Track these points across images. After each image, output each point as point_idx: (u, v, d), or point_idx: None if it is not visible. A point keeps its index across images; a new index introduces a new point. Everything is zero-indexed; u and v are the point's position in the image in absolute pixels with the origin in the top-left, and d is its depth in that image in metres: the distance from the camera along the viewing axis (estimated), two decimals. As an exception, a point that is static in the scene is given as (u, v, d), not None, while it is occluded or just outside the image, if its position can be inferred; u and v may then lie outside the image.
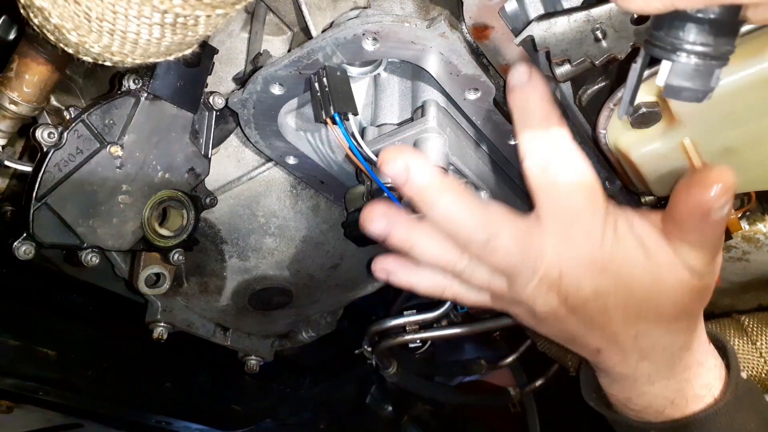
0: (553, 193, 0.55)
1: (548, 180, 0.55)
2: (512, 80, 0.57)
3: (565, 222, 0.55)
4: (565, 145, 0.55)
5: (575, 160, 0.55)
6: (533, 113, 0.56)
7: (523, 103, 0.56)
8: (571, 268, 0.56)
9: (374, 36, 0.58)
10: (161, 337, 0.87)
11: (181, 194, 0.73)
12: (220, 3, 0.39)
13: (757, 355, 1.00)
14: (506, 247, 0.56)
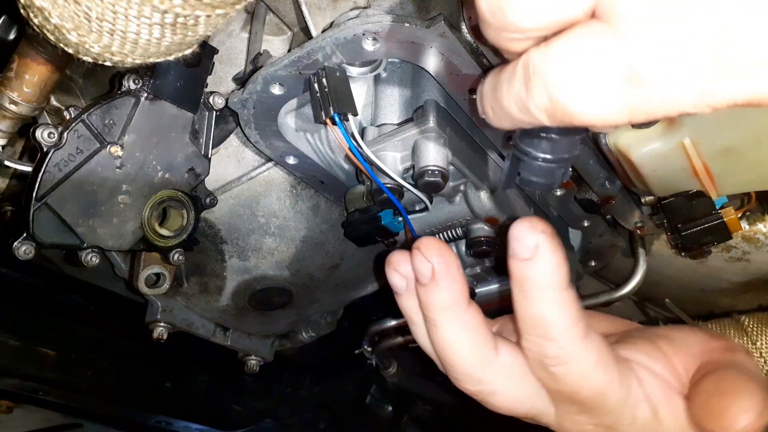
0: (555, 387, 0.50)
1: (549, 375, 0.49)
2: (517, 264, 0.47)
3: (555, 399, 0.51)
4: (567, 341, 0.47)
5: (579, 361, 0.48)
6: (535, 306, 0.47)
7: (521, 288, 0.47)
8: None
9: (374, 36, 0.58)
10: (161, 337, 0.87)
11: (181, 194, 0.73)
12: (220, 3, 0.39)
13: (757, 355, 1.00)
14: (504, 404, 0.52)
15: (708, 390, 0.49)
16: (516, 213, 0.77)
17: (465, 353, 0.50)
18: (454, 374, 0.52)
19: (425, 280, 0.48)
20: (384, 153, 0.66)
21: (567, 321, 0.46)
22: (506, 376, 0.51)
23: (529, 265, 0.44)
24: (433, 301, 0.49)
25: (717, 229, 0.75)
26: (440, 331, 0.50)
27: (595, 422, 0.51)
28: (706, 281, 1.10)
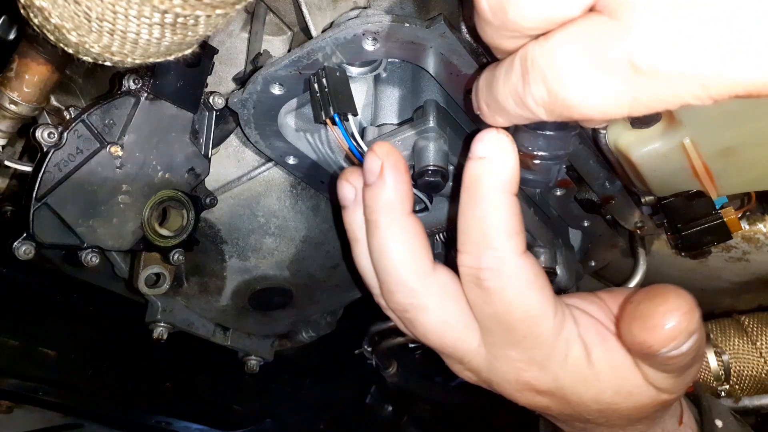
0: (488, 309, 0.47)
1: (482, 294, 0.47)
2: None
3: (502, 343, 0.49)
4: (506, 251, 0.45)
5: (519, 270, 0.46)
6: (477, 197, 0.45)
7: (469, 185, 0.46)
8: (505, 385, 0.51)
9: (374, 36, 0.58)
10: (161, 337, 0.87)
11: (181, 194, 0.73)
12: (220, 3, 0.39)
13: (757, 355, 1.00)
14: (427, 326, 0.50)
15: (636, 299, 0.47)
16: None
17: (402, 259, 0.49)
18: (388, 284, 0.49)
19: (373, 177, 0.48)
20: (384, 153, 0.66)
21: (508, 228, 0.45)
22: (441, 293, 0.49)
23: (483, 163, 0.44)
24: (378, 199, 0.48)
25: (717, 229, 0.75)
26: (380, 233, 0.48)
27: (527, 357, 0.48)
28: (706, 281, 1.10)
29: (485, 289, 0.46)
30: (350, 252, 0.56)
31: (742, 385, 1.02)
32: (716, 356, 1.02)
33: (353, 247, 0.54)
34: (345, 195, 0.52)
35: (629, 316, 0.46)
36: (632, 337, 0.46)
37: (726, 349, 1.02)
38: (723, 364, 1.01)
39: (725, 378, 1.01)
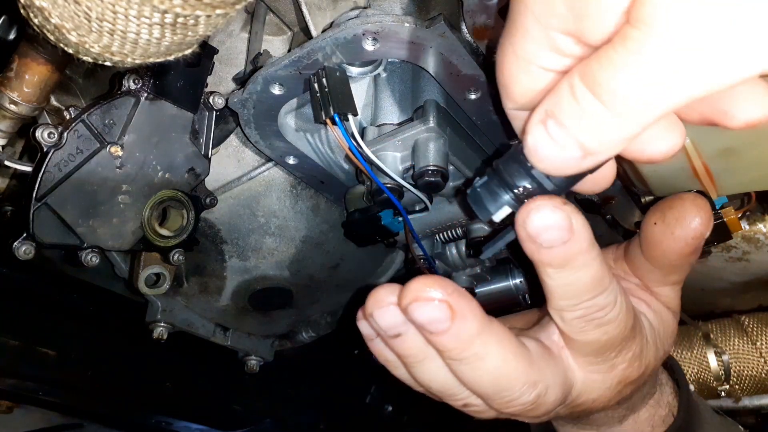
0: (592, 335, 0.47)
1: (588, 323, 0.46)
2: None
3: (601, 356, 0.49)
4: (605, 285, 0.45)
5: (616, 297, 0.46)
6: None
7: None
8: (602, 393, 0.51)
9: (374, 36, 0.58)
10: (161, 337, 0.87)
11: (181, 194, 0.73)
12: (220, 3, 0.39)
13: (757, 355, 1.00)
14: (551, 402, 0.47)
15: (657, 216, 0.52)
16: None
17: (515, 366, 0.45)
18: (508, 395, 0.45)
19: (445, 324, 0.41)
20: (384, 153, 0.66)
21: (602, 274, 0.44)
22: (547, 365, 0.47)
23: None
24: (464, 337, 0.42)
25: (717, 229, 0.74)
26: (481, 363, 0.43)
27: (630, 356, 0.50)
28: (706, 281, 1.10)
29: (604, 322, 0.46)
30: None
31: (742, 385, 1.02)
32: (716, 356, 1.02)
33: (413, 368, 0.47)
34: (389, 325, 0.44)
35: (666, 233, 0.50)
36: (676, 243, 0.50)
37: (726, 349, 1.02)
38: (723, 364, 1.01)
39: (725, 378, 1.01)
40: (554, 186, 0.39)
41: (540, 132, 0.34)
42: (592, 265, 0.42)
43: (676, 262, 0.52)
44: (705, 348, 1.03)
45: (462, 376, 0.45)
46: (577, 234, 0.40)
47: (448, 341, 0.42)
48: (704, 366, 1.02)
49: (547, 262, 0.41)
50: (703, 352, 1.03)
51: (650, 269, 0.54)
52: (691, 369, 1.03)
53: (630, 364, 0.51)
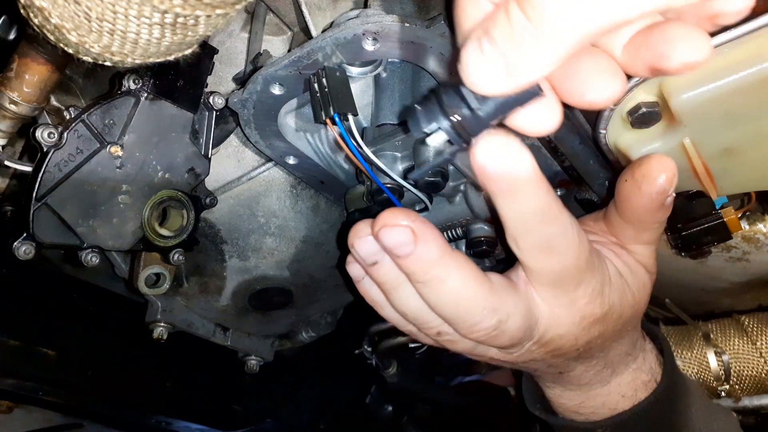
0: (546, 262, 0.51)
1: (541, 251, 0.50)
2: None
3: (560, 288, 0.52)
4: (554, 214, 0.48)
5: (566, 227, 0.49)
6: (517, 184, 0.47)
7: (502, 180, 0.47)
8: (568, 329, 0.54)
9: (374, 36, 0.58)
10: (161, 337, 0.87)
11: (181, 194, 0.73)
12: (220, 3, 0.39)
13: (757, 355, 1.00)
14: (514, 330, 0.52)
15: (626, 201, 0.56)
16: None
17: (474, 292, 0.49)
18: (469, 319, 0.50)
19: (408, 247, 0.46)
20: (384, 153, 0.66)
21: (550, 204, 0.48)
22: (508, 294, 0.51)
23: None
24: (427, 260, 0.47)
25: (717, 229, 0.75)
26: (444, 285, 0.48)
27: (590, 291, 0.53)
28: (706, 281, 1.10)
29: (555, 246, 0.50)
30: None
31: (742, 385, 1.02)
32: (716, 356, 1.02)
33: (391, 295, 0.53)
34: (367, 253, 0.50)
35: (633, 190, 0.53)
36: (642, 200, 0.53)
37: (726, 349, 1.02)
38: (723, 364, 1.01)
39: (725, 378, 1.01)
40: (485, 113, 0.40)
41: (473, 48, 0.36)
42: (538, 194, 0.46)
43: (644, 218, 0.55)
44: (705, 348, 1.03)
45: (428, 300, 0.50)
46: (523, 165, 0.44)
47: (413, 263, 0.47)
48: (704, 366, 1.02)
49: (497, 191, 0.45)
50: (703, 352, 1.03)
51: (623, 226, 0.57)
52: (691, 369, 1.03)
53: (591, 300, 0.53)
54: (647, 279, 0.60)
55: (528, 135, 0.42)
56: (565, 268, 0.50)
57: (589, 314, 0.54)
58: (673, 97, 0.53)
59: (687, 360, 1.04)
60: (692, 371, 1.03)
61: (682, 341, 1.06)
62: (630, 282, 0.58)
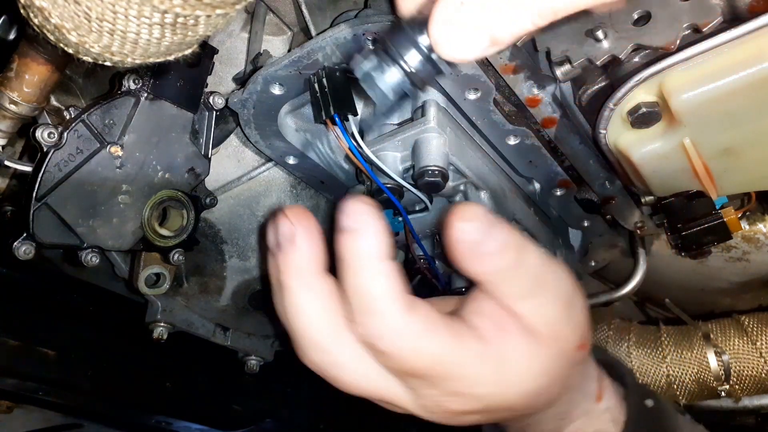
0: (394, 367, 0.50)
1: (383, 356, 0.49)
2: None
3: (419, 387, 0.51)
4: (391, 314, 0.47)
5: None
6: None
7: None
8: (436, 418, 0.53)
9: (374, 36, 0.58)
10: (161, 337, 0.87)
11: (181, 194, 0.73)
12: (220, 3, 0.39)
13: (757, 355, 1.00)
14: (348, 385, 0.52)
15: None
16: (516, 213, 0.77)
17: (314, 319, 0.49)
18: (301, 341, 0.51)
19: (285, 241, 0.48)
20: (384, 153, 0.66)
21: (389, 292, 0.46)
22: (354, 351, 0.50)
23: (354, 236, 0.45)
24: (289, 263, 0.48)
25: (717, 229, 0.75)
26: (291, 295, 0.49)
27: (446, 392, 0.50)
28: (706, 281, 1.10)
29: (383, 353, 0.48)
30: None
31: (742, 385, 1.02)
32: (716, 356, 1.02)
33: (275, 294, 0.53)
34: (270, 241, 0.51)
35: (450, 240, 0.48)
36: (448, 243, 0.47)
37: (726, 349, 1.02)
38: (723, 364, 1.01)
39: (725, 378, 1.01)
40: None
41: (444, 12, 0.36)
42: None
43: (464, 269, 0.49)
44: (705, 348, 1.03)
45: (278, 303, 0.52)
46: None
47: (280, 259, 0.49)
48: (704, 366, 1.02)
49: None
50: (703, 352, 1.03)
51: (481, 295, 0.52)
52: (691, 369, 1.03)
53: (450, 399, 0.51)
54: (551, 356, 0.52)
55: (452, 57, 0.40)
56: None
57: (454, 411, 0.52)
58: (673, 97, 0.53)
59: (687, 360, 1.04)
60: (692, 371, 1.03)
61: (682, 341, 1.06)
62: (520, 372, 0.51)
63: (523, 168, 0.76)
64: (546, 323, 0.51)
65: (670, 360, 1.05)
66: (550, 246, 0.86)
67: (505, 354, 0.50)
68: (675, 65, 0.53)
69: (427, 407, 0.52)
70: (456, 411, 0.52)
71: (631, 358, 1.07)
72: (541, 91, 0.65)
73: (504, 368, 0.50)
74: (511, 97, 0.67)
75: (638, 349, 1.08)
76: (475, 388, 0.50)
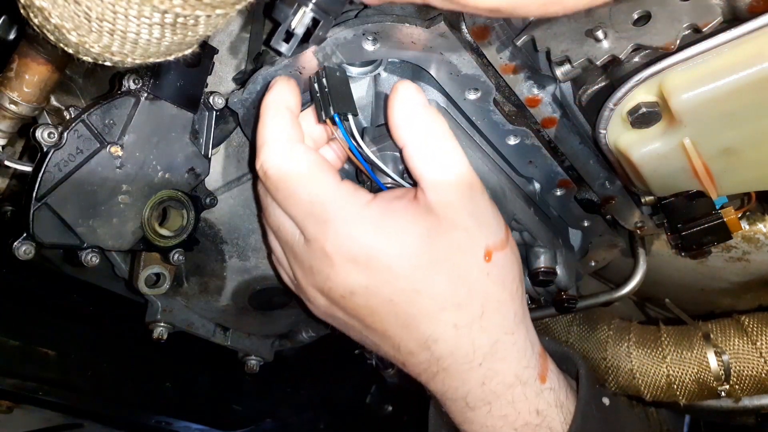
0: (283, 202, 0.59)
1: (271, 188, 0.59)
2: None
3: (309, 225, 0.59)
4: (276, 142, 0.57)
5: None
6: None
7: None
8: (320, 272, 0.58)
9: (374, 36, 0.58)
10: (161, 337, 0.87)
11: (181, 194, 0.73)
12: (220, 3, 0.39)
13: (757, 355, 1.00)
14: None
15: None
16: (516, 213, 0.77)
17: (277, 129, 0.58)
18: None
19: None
20: (384, 153, 0.66)
21: (279, 129, 0.59)
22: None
23: (269, 90, 0.61)
24: (266, 99, 0.59)
25: (717, 229, 0.75)
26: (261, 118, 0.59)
27: (329, 231, 0.56)
28: (706, 281, 1.10)
29: (266, 178, 0.57)
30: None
31: (742, 385, 1.02)
32: (716, 356, 1.02)
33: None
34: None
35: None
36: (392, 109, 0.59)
37: (726, 349, 1.02)
38: (723, 364, 1.01)
39: (725, 378, 1.01)
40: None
41: None
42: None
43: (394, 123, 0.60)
44: (705, 348, 1.03)
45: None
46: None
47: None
48: (704, 366, 1.02)
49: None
50: (703, 352, 1.03)
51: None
52: (691, 369, 1.03)
53: (335, 239, 0.57)
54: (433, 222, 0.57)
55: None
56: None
57: (342, 254, 0.57)
58: (673, 97, 0.53)
59: (687, 360, 1.04)
60: (692, 371, 1.03)
61: (682, 341, 1.06)
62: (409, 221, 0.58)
63: (523, 168, 0.76)
64: (446, 205, 0.56)
65: (670, 360, 1.05)
66: (550, 246, 0.86)
67: (394, 212, 0.56)
68: (675, 65, 0.53)
69: (307, 246, 0.57)
70: (332, 253, 0.55)
71: (631, 358, 1.07)
72: (541, 91, 0.65)
73: (388, 222, 0.55)
74: (511, 97, 0.67)
75: (638, 349, 1.08)
76: (353, 229, 0.54)
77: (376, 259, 0.54)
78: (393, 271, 0.54)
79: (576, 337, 1.15)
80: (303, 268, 0.60)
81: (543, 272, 0.85)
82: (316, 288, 0.59)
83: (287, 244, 0.60)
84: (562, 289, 0.93)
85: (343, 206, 0.55)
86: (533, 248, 0.86)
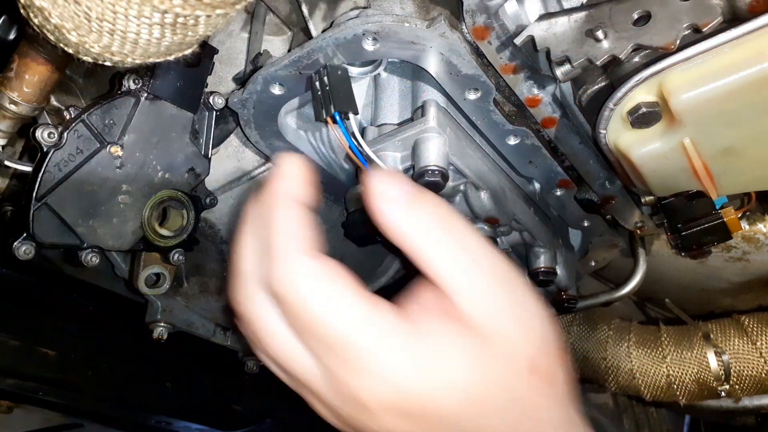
0: (293, 321, 0.46)
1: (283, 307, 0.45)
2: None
3: (326, 357, 0.45)
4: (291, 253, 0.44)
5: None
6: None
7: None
8: (351, 413, 0.47)
9: (374, 36, 0.58)
10: (161, 337, 0.87)
11: (181, 194, 0.73)
12: (220, 3, 0.39)
13: (757, 355, 1.00)
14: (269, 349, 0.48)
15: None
16: (516, 213, 0.77)
17: (247, 257, 0.46)
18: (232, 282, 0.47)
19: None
20: (384, 153, 0.66)
21: (295, 233, 0.44)
22: (267, 302, 0.46)
23: (275, 178, 0.45)
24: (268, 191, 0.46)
25: (717, 229, 0.75)
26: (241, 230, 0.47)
27: (359, 367, 0.43)
28: (706, 281, 1.10)
29: (281, 299, 0.44)
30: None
31: (742, 385, 1.02)
32: (716, 356, 1.02)
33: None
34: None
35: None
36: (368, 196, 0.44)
37: (726, 349, 1.02)
38: (723, 364, 1.01)
39: (725, 378, 1.01)
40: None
41: None
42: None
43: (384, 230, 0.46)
44: (705, 348, 1.03)
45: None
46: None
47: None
48: (704, 366, 1.02)
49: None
50: (703, 352, 1.03)
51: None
52: (691, 369, 1.03)
53: (358, 379, 0.44)
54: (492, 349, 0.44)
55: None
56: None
57: (366, 399, 0.44)
58: (673, 97, 0.53)
59: (687, 360, 1.04)
60: (692, 371, 1.03)
61: (682, 341, 1.06)
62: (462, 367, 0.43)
63: (523, 168, 0.76)
64: (487, 315, 0.43)
65: (670, 360, 1.05)
66: (550, 246, 0.86)
67: (431, 337, 0.43)
68: (675, 65, 0.53)
69: (334, 389, 0.46)
70: (368, 401, 0.43)
71: (631, 358, 1.08)
72: (541, 91, 0.65)
73: (428, 354, 0.42)
74: (511, 97, 0.67)
75: (638, 349, 1.08)
76: (390, 370, 0.42)
77: (420, 407, 0.43)
78: (443, 417, 0.44)
79: (576, 337, 1.16)
80: (326, 406, 0.50)
81: (543, 272, 0.85)
82: (344, 424, 0.50)
83: (301, 380, 0.51)
84: (562, 289, 0.93)
85: (372, 340, 0.43)
86: (533, 248, 0.86)
